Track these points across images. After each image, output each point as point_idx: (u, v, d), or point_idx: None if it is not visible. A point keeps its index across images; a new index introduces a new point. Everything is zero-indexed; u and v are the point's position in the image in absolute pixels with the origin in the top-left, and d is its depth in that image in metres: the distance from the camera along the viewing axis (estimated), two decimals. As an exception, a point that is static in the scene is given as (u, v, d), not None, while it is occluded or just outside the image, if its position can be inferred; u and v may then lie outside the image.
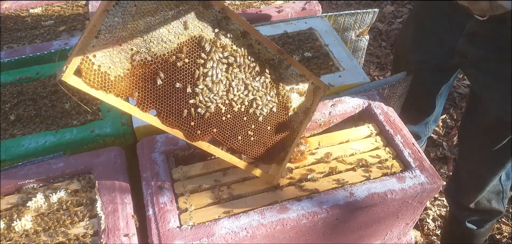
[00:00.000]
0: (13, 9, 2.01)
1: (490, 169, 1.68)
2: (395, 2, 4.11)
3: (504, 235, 2.32)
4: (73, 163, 1.32)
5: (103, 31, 0.97)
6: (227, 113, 1.16)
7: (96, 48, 0.97)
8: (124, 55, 1.01)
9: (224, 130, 1.17)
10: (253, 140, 1.23)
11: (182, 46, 1.07)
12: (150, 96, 1.05)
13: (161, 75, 1.05)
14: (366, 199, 1.26)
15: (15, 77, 1.62)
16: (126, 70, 1.02)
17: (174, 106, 1.09)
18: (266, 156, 1.27)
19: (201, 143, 1.15)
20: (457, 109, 3.03)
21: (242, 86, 1.17)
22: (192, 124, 1.11)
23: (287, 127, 1.29)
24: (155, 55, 1.04)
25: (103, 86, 0.99)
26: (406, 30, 1.89)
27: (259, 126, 1.24)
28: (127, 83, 1.03)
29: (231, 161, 1.22)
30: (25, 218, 1.17)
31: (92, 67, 0.97)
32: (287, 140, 1.30)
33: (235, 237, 1.15)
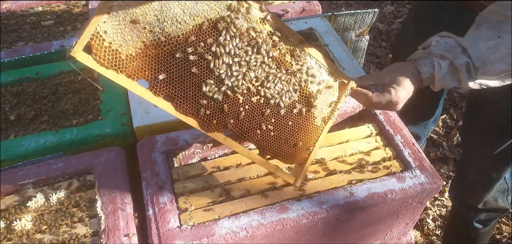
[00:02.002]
0: (13, 9, 2.01)
1: (498, 168, 1.68)
2: (395, 2, 4.11)
3: (504, 235, 2.32)
4: (73, 163, 1.32)
5: (115, 7, 0.94)
6: (245, 104, 1.10)
7: (107, 25, 0.94)
8: (136, 33, 0.97)
9: (242, 121, 1.11)
10: (274, 135, 1.16)
11: (198, 28, 1.03)
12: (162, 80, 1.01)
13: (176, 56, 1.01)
14: (366, 199, 1.26)
15: (15, 77, 1.62)
16: (139, 49, 0.98)
17: (189, 92, 1.03)
18: (287, 154, 1.21)
19: (217, 134, 1.09)
20: (457, 109, 3.03)
21: (261, 74, 1.12)
22: (208, 112, 1.06)
23: (310, 123, 1.22)
24: (169, 35, 1.01)
25: (114, 65, 0.96)
26: (406, 30, 1.89)
27: (280, 120, 1.17)
28: (139, 63, 0.98)
29: (249, 156, 1.16)
30: (25, 218, 1.17)
31: (102, 43, 0.94)
32: (310, 138, 1.23)
33: (235, 237, 1.15)
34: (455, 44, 1.16)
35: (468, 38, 1.16)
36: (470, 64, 1.13)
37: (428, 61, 1.18)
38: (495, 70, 1.13)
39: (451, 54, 1.15)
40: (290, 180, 1.24)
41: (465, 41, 1.15)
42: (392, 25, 3.85)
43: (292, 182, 1.24)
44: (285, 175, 1.23)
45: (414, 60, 1.22)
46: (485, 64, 1.12)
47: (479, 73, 1.13)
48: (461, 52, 1.14)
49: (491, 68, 1.13)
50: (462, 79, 1.14)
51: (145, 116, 1.46)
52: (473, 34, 1.16)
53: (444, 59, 1.15)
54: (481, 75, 1.14)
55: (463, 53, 1.14)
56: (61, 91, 1.58)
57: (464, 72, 1.13)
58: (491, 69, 1.13)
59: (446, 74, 1.15)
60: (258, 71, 1.12)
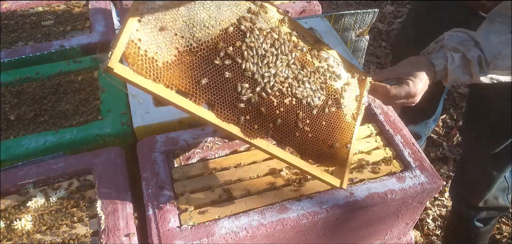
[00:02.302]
0: (13, 9, 2.01)
1: (498, 166, 1.68)
2: (395, 2, 4.11)
3: (504, 235, 2.32)
4: (73, 163, 1.32)
5: (146, 14, 0.93)
6: (279, 106, 1.10)
7: (140, 33, 0.92)
8: (169, 40, 0.96)
9: (280, 125, 1.11)
10: (311, 136, 1.16)
11: (224, 32, 1.04)
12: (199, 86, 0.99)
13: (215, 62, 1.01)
14: (366, 199, 1.26)
15: (15, 77, 1.62)
16: (174, 56, 0.96)
17: (227, 97, 1.02)
18: (328, 155, 1.20)
19: (259, 141, 1.08)
20: (457, 109, 3.03)
21: (289, 75, 1.12)
22: (248, 117, 1.05)
23: (342, 120, 1.23)
24: (200, 41, 1.00)
25: (152, 74, 0.93)
26: (406, 30, 1.89)
27: (314, 121, 1.17)
28: (176, 71, 0.96)
29: (293, 161, 1.14)
30: (25, 218, 1.17)
31: (138, 52, 0.91)
32: (345, 136, 1.23)
33: (235, 237, 1.15)
34: (467, 38, 1.16)
35: (480, 32, 1.17)
36: (482, 58, 1.14)
37: (441, 54, 1.18)
38: (506, 65, 1.14)
39: (464, 47, 1.15)
40: (336, 183, 1.21)
41: (478, 35, 1.16)
42: (392, 25, 3.85)
43: (338, 185, 1.21)
44: (331, 179, 1.21)
45: (427, 54, 1.23)
46: (497, 58, 1.13)
47: (490, 67, 1.14)
48: (473, 45, 1.15)
49: (502, 63, 1.13)
50: (473, 72, 1.15)
51: (145, 116, 1.46)
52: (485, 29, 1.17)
53: (456, 52, 1.16)
54: (492, 69, 1.15)
55: (476, 47, 1.15)
56: (61, 91, 1.58)
57: (476, 66, 1.14)
58: (503, 64, 1.13)
59: (458, 67, 1.16)
60: (286, 72, 1.12)
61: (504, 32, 1.14)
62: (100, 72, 1.64)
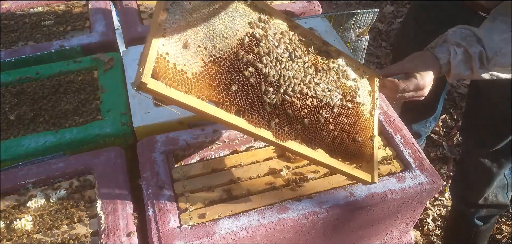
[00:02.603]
0: (13, 9, 2.01)
1: (498, 163, 1.69)
2: (395, 2, 4.11)
3: (504, 235, 2.33)
4: (73, 163, 1.32)
5: (168, 29, 0.95)
6: (303, 107, 1.14)
7: (166, 47, 0.94)
8: (194, 51, 0.99)
9: (307, 126, 1.14)
10: (337, 134, 1.19)
11: (242, 41, 1.09)
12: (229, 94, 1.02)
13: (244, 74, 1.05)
14: (366, 199, 1.26)
15: (15, 77, 1.62)
16: (201, 67, 0.99)
17: (255, 102, 1.06)
18: (355, 152, 1.23)
19: (292, 143, 1.10)
20: (457, 109, 3.03)
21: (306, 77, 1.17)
22: (277, 121, 1.08)
23: (360, 116, 1.26)
24: (221, 51, 1.04)
25: (183, 86, 0.94)
26: (406, 29, 1.89)
27: (337, 119, 1.20)
28: (205, 82, 0.99)
29: (325, 161, 1.16)
30: (25, 218, 1.17)
31: (168, 65, 0.93)
32: (366, 130, 1.27)
33: (235, 237, 1.15)
34: (470, 34, 1.20)
35: (483, 29, 1.20)
36: (483, 54, 1.17)
37: (444, 48, 1.22)
38: (506, 62, 1.17)
39: (466, 42, 1.19)
40: (368, 178, 1.23)
41: (480, 32, 1.19)
42: (392, 25, 3.85)
43: (370, 179, 1.24)
44: (362, 175, 1.23)
45: (431, 48, 1.26)
46: (497, 55, 1.16)
47: (491, 64, 1.17)
48: (476, 41, 1.18)
49: (502, 60, 1.16)
50: (474, 68, 1.19)
51: (145, 116, 1.46)
52: (488, 26, 1.20)
53: (459, 47, 1.20)
54: (492, 66, 1.18)
55: (478, 43, 1.18)
56: (61, 91, 1.58)
57: (477, 61, 1.17)
58: (503, 61, 1.17)
59: (461, 61, 1.20)
60: (303, 74, 1.17)
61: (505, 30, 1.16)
62: (100, 72, 1.64)
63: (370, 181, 1.23)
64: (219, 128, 1.41)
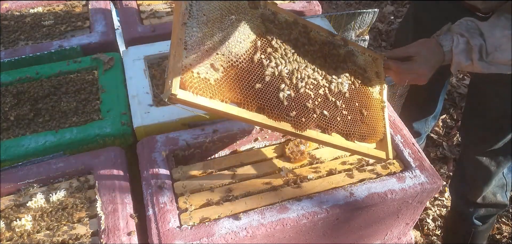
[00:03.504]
0: (13, 9, 2.01)
1: (497, 162, 1.69)
2: (395, 2, 4.11)
3: (504, 235, 2.33)
4: (73, 163, 1.32)
5: (189, 42, 1.03)
6: (316, 97, 1.22)
7: (189, 59, 1.02)
8: (213, 58, 1.06)
9: (322, 114, 1.21)
10: (351, 118, 1.27)
11: (254, 42, 1.17)
12: (249, 94, 1.10)
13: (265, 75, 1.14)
14: (366, 199, 1.26)
15: (15, 77, 1.62)
16: (221, 73, 1.07)
17: (272, 99, 1.13)
18: (368, 132, 1.30)
19: (310, 132, 1.18)
20: (457, 109, 3.03)
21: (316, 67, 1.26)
22: (294, 113, 1.15)
23: (370, 98, 1.35)
24: (237, 55, 1.12)
25: (208, 92, 1.02)
26: (405, 28, 1.89)
27: (349, 103, 1.29)
28: (226, 86, 1.07)
29: (342, 144, 1.24)
30: (25, 218, 1.17)
31: (192, 75, 1.01)
32: (377, 110, 1.35)
33: (235, 237, 1.15)
34: (474, 27, 1.26)
35: (486, 24, 1.26)
36: (483, 47, 1.22)
37: (448, 37, 1.28)
38: (505, 58, 1.22)
39: (469, 34, 1.25)
40: (383, 156, 1.31)
41: (484, 26, 1.25)
42: (392, 25, 3.85)
43: (385, 156, 1.31)
44: (377, 153, 1.31)
45: (437, 36, 1.32)
46: (497, 51, 1.22)
47: (489, 58, 1.23)
48: (478, 34, 1.24)
49: (502, 56, 1.22)
50: (474, 59, 1.24)
51: (145, 116, 1.46)
52: (492, 22, 1.26)
53: (462, 37, 1.26)
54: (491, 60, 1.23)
55: (480, 36, 1.24)
56: (61, 91, 1.58)
57: (477, 53, 1.23)
58: (502, 57, 1.22)
59: (462, 51, 1.25)
60: (313, 65, 1.26)
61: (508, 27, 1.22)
62: (100, 72, 1.64)
63: (385, 158, 1.31)
64: (219, 128, 1.41)
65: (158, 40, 1.78)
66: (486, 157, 1.69)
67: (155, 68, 1.69)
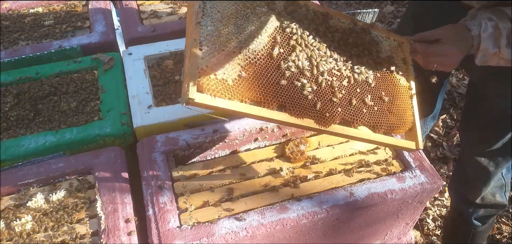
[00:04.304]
0: (13, 9, 2.01)
1: (496, 162, 1.69)
2: (395, 2, 4.11)
3: (504, 235, 2.32)
4: (73, 163, 1.32)
5: (204, 42, 0.99)
6: (341, 89, 1.16)
7: (205, 60, 0.98)
8: (230, 57, 1.02)
9: (347, 106, 1.15)
10: (377, 109, 1.21)
11: (272, 37, 1.11)
12: (269, 92, 1.05)
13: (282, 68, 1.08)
14: (366, 199, 1.26)
15: (15, 77, 1.62)
16: (239, 72, 1.02)
17: (293, 95, 1.08)
18: (396, 122, 1.24)
19: (334, 127, 1.13)
20: (457, 109, 3.03)
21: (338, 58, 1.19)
22: (317, 108, 1.10)
23: (396, 85, 1.28)
24: (255, 51, 1.06)
25: (226, 93, 0.98)
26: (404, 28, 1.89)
27: (375, 94, 1.22)
28: (245, 85, 1.02)
29: (369, 137, 1.19)
30: (25, 218, 1.17)
31: (209, 77, 0.97)
32: (405, 99, 1.29)
33: (235, 237, 1.15)
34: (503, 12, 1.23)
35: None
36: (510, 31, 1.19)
37: (476, 21, 1.25)
38: None
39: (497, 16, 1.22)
40: (412, 146, 1.25)
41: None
42: (392, 25, 3.85)
43: (414, 147, 1.26)
44: (406, 144, 1.26)
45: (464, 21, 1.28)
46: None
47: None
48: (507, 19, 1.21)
49: None
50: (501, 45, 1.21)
51: (145, 116, 1.46)
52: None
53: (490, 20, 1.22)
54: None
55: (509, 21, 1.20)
56: (61, 91, 1.58)
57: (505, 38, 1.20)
58: None
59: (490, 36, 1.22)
60: (335, 56, 1.19)
61: None
62: (100, 72, 1.64)
63: (414, 148, 1.25)
64: (219, 128, 1.41)
65: (158, 40, 1.78)
66: (485, 157, 1.69)
67: (155, 68, 1.69)
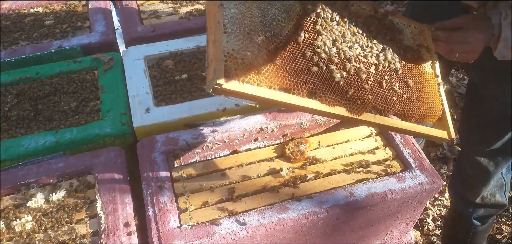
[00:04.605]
0: (13, 9, 2.01)
1: (494, 162, 1.69)
2: (395, 2, 4.11)
3: (504, 235, 2.32)
4: (73, 163, 1.32)
5: (228, 25, 0.94)
6: (369, 76, 1.13)
7: (230, 44, 0.93)
8: (256, 41, 0.97)
9: (377, 94, 1.13)
10: (406, 97, 1.18)
11: (297, 21, 1.07)
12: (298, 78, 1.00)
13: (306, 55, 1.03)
14: (366, 199, 1.26)
15: (15, 77, 1.62)
16: (266, 56, 0.97)
17: (324, 81, 1.04)
18: (426, 111, 1.21)
19: (366, 115, 1.09)
20: (457, 109, 3.03)
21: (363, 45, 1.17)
22: (349, 95, 1.06)
23: (422, 73, 1.26)
24: (280, 35, 1.02)
25: (255, 79, 0.93)
26: None
27: (402, 82, 1.20)
28: (273, 71, 0.97)
29: (401, 126, 1.17)
30: (25, 218, 1.17)
31: (236, 61, 0.91)
32: (432, 87, 1.27)
33: (235, 237, 1.15)
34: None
35: None
36: None
37: (497, 10, 1.23)
38: None
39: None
40: (444, 135, 1.23)
41: None
42: (392, 25, 3.85)
43: (446, 136, 1.23)
44: (438, 133, 1.23)
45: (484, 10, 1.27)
46: None
47: None
48: None
49: None
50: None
51: (145, 116, 1.46)
52: None
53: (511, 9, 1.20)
54: None
55: None
56: (61, 91, 1.58)
57: None
58: None
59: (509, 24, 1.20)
60: (360, 43, 1.17)
61: None
62: (100, 72, 1.64)
63: (447, 137, 1.22)
64: (219, 128, 1.41)
65: (158, 40, 1.78)
66: (484, 157, 1.69)
67: (155, 68, 1.69)
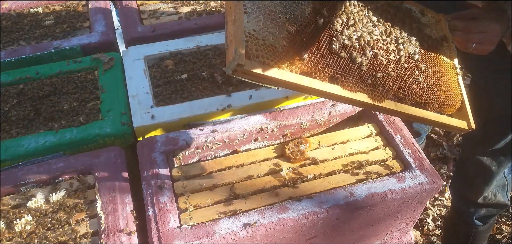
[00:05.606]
0: (13, 9, 2.01)
1: (497, 162, 1.69)
2: (395, 2, 4.11)
3: (504, 235, 2.32)
4: (73, 163, 1.32)
5: (248, 5, 0.92)
6: (389, 63, 1.12)
7: (251, 24, 0.90)
8: (277, 22, 0.95)
9: (398, 81, 1.12)
10: (427, 85, 1.17)
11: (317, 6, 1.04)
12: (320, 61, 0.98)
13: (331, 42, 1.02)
14: (366, 199, 1.26)
15: (15, 77, 1.62)
16: (287, 38, 0.95)
17: (345, 66, 1.02)
18: (446, 100, 1.21)
19: (388, 103, 1.09)
20: (457, 109, 3.03)
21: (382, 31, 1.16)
22: (370, 81, 1.05)
23: (440, 62, 1.26)
24: (301, 17, 1.00)
25: (275, 61, 0.90)
26: None
27: (421, 70, 1.19)
28: (294, 53, 0.95)
29: (421, 114, 1.16)
30: (25, 218, 1.17)
31: (258, 42, 0.89)
32: (450, 76, 1.26)
33: (235, 237, 1.15)
34: None
35: None
36: None
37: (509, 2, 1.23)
38: None
39: None
40: (463, 126, 1.23)
41: None
42: (392, 25, 3.85)
43: (466, 126, 1.23)
44: (458, 123, 1.22)
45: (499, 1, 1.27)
46: None
47: None
48: None
49: None
50: None
51: (145, 116, 1.46)
52: None
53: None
54: None
55: None
56: (61, 91, 1.58)
57: None
58: None
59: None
60: (378, 29, 1.15)
61: None
62: (100, 72, 1.64)
63: (466, 127, 1.22)
64: (219, 128, 1.41)
65: (158, 40, 1.78)
66: (487, 157, 1.69)
67: (155, 68, 1.69)
